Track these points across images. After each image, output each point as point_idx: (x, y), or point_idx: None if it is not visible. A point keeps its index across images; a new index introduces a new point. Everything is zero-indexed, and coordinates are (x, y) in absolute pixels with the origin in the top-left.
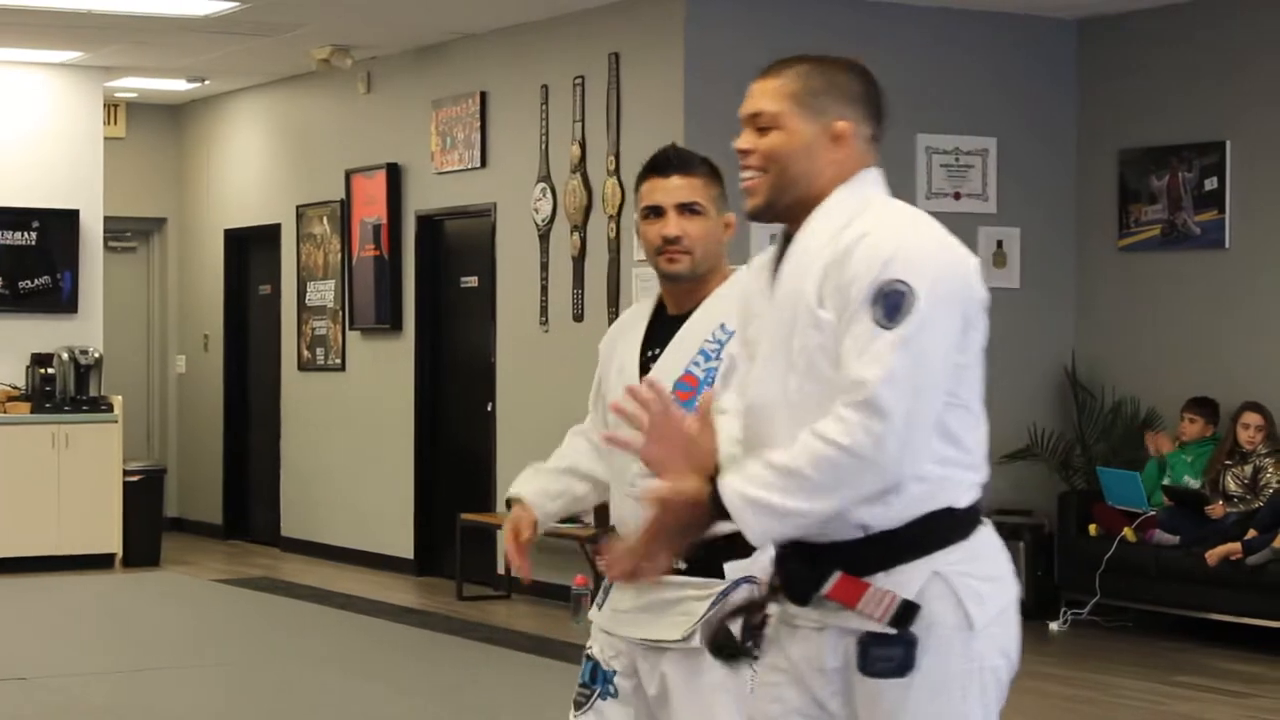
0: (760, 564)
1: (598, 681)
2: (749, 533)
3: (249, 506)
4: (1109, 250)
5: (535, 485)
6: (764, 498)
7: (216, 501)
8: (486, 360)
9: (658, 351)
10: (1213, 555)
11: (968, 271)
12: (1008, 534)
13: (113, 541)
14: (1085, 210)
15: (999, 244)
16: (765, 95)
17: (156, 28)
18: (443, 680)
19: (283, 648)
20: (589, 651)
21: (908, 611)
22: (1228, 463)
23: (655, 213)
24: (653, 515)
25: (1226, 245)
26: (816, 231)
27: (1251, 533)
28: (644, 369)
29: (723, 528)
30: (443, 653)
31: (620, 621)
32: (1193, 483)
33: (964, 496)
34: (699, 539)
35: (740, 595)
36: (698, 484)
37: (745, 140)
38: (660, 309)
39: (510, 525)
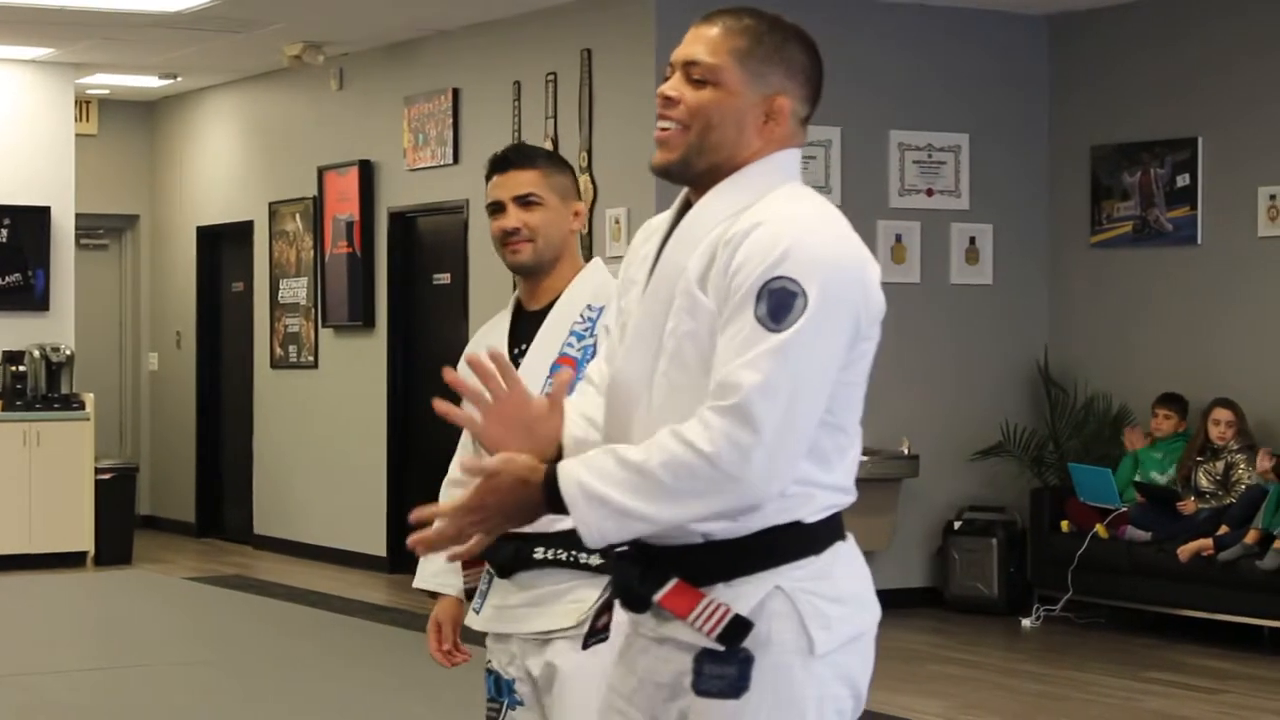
0: None
1: (503, 693)
2: (583, 529)
3: (221, 504)
4: (1081, 247)
5: (434, 569)
6: (606, 493)
7: (189, 499)
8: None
9: (525, 347)
10: (1185, 551)
11: (866, 277)
12: (980, 531)
13: (85, 540)
14: (1057, 207)
15: (971, 240)
16: (706, 44)
17: (128, 24)
18: (415, 677)
19: (255, 645)
20: (489, 665)
21: (739, 627)
22: (1199, 459)
23: (497, 208)
24: (476, 488)
25: (1198, 242)
26: (713, 207)
27: (1223, 529)
28: (515, 365)
29: (549, 521)
30: (415, 650)
31: (507, 618)
32: (1160, 479)
33: (818, 512)
34: (515, 529)
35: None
36: (532, 463)
37: (673, 86)
38: (519, 308)
39: (431, 630)
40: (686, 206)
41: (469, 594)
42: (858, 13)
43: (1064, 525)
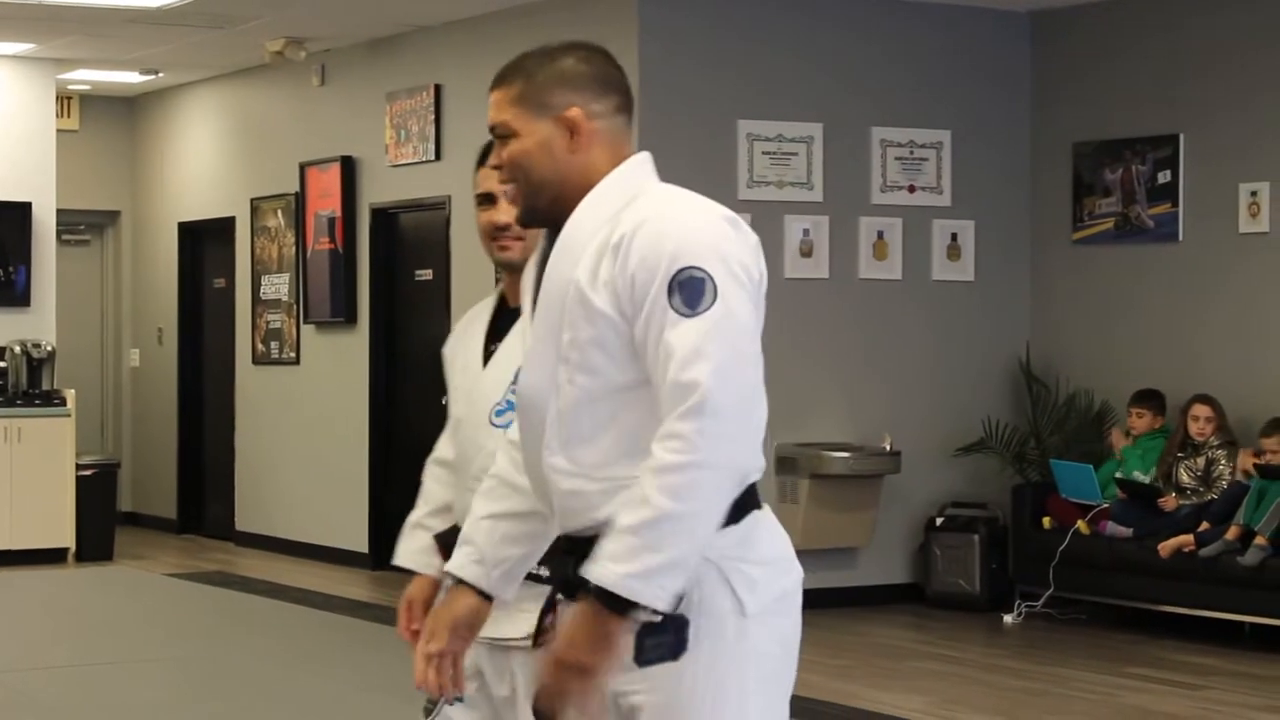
0: None
1: None
2: (656, 603)
3: (203, 501)
4: (1063, 243)
5: (415, 546)
6: (650, 562)
7: (170, 496)
8: (441, 354)
9: (499, 344)
10: (1165, 547)
11: (752, 251)
12: (962, 527)
13: (66, 536)
14: (1039, 203)
15: (953, 237)
16: (497, 106)
17: (109, 20)
18: (396, 674)
19: (237, 642)
20: None
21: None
22: (1180, 455)
23: (488, 200)
24: (551, 670)
25: (1180, 238)
26: (582, 221)
27: (1204, 525)
28: (487, 362)
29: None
30: (397, 647)
31: None
32: (1142, 477)
33: None
34: (608, 661)
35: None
36: (576, 614)
37: (495, 155)
38: (502, 304)
39: (402, 607)
40: (555, 233)
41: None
42: (839, 9)
43: (1045, 521)
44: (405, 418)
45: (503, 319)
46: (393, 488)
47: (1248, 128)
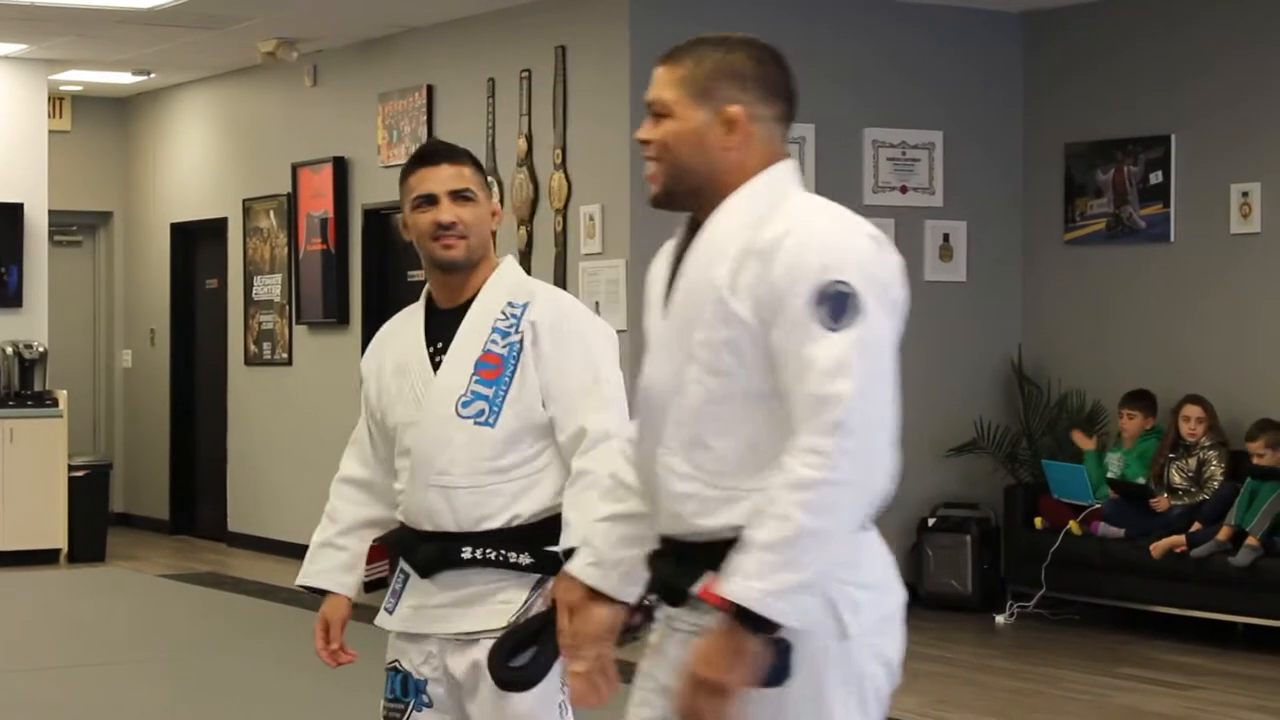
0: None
1: (409, 694)
2: (793, 622)
3: (195, 501)
4: (1055, 244)
5: (326, 566)
6: (788, 580)
7: (163, 496)
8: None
9: (442, 345)
10: (1157, 548)
11: (896, 271)
12: (954, 527)
13: (58, 537)
14: (1031, 204)
15: (945, 237)
16: (661, 83)
17: (101, 20)
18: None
19: (229, 643)
20: (394, 665)
21: None
22: (1171, 455)
23: (429, 201)
24: (688, 693)
25: (1171, 239)
26: (725, 221)
27: (1196, 525)
28: (434, 364)
29: (477, 520)
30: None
31: (427, 618)
32: (1143, 481)
33: None
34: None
35: (536, 610)
36: (710, 634)
37: (644, 129)
38: (430, 308)
39: (318, 628)
40: (694, 227)
41: (369, 586)
42: (832, 10)
43: (1037, 522)
44: None
45: (436, 323)
46: None
47: (1239, 128)
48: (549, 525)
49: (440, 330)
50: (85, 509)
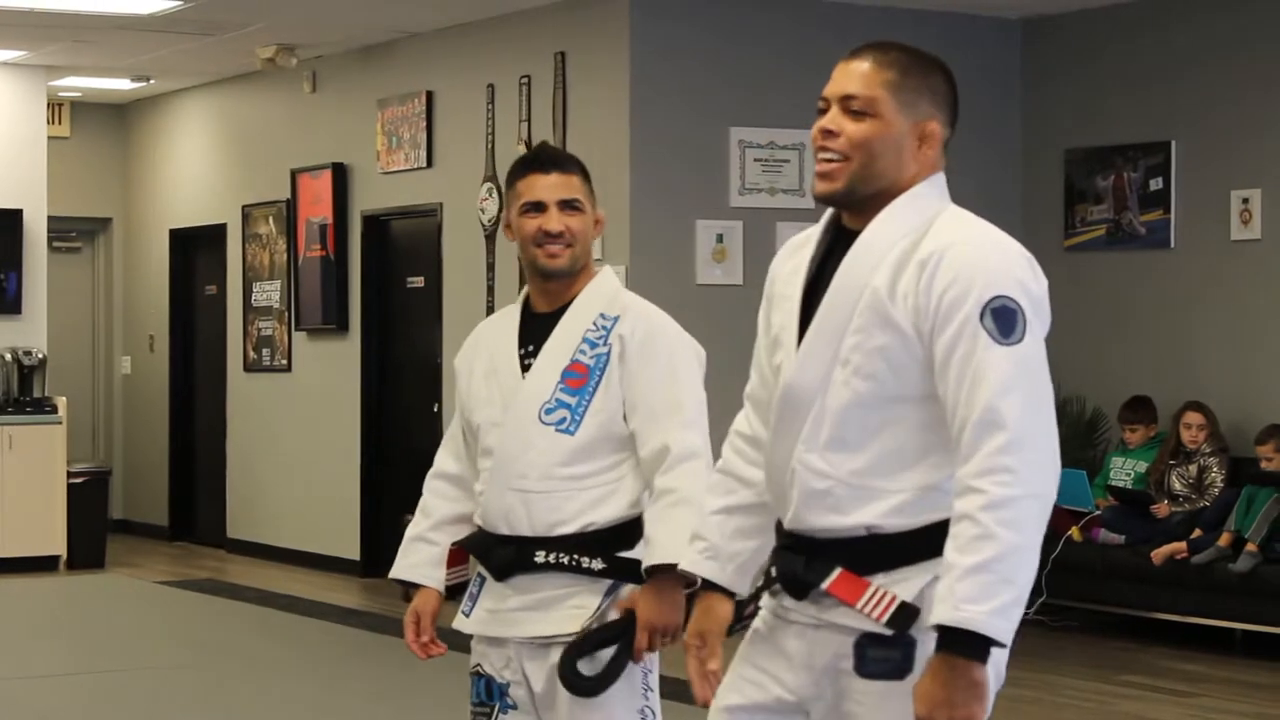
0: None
1: (494, 697)
2: (1008, 639)
3: (195, 508)
4: (1055, 250)
5: (417, 560)
6: (1009, 598)
7: (162, 503)
8: (433, 361)
9: (533, 349)
10: (1158, 555)
11: (1046, 289)
12: None
13: (57, 544)
14: (1031, 210)
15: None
16: (860, 78)
17: (101, 26)
18: (388, 682)
19: (228, 650)
20: (477, 669)
21: (906, 613)
22: (1172, 462)
23: (537, 208)
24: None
25: (1172, 245)
26: (887, 229)
27: (1197, 532)
28: (524, 367)
29: (551, 525)
30: (388, 654)
31: (503, 622)
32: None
33: None
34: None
35: (610, 616)
36: (935, 661)
37: (832, 121)
38: (526, 311)
39: (409, 621)
40: (836, 226)
41: (449, 591)
42: (832, 16)
43: None
44: (397, 425)
45: (531, 326)
46: (384, 495)
47: (1239, 134)
48: (623, 533)
49: (533, 334)
50: (84, 516)
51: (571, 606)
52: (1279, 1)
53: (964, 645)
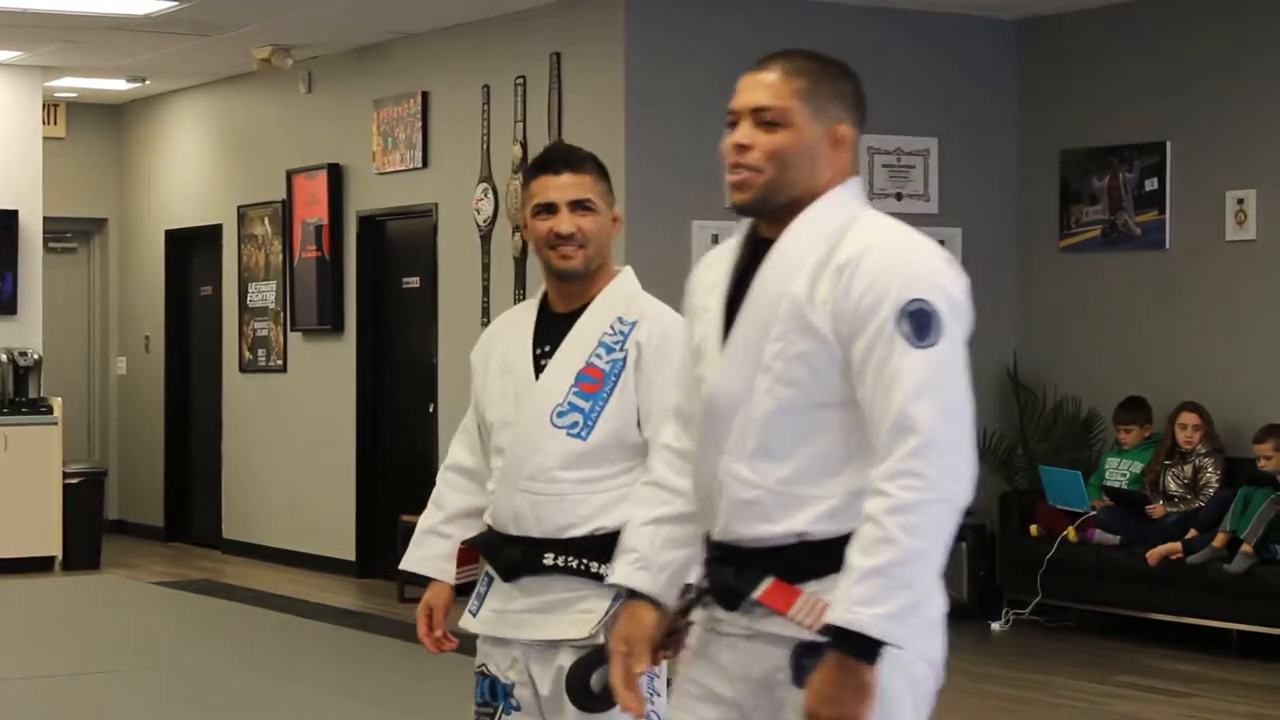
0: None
1: (498, 697)
2: (903, 643)
3: (190, 509)
4: (1050, 251)
5: (430, 553)
6: (906, 601)
7: (158, 504)
8: (428, 361)
9: (549, 349)
10: (1153, 555)
11: (966, 290)
12: None
13: (52, 544)
14: (1026, 211)
15: (940, 244)
16: (770, 89)
17: (96, 27)
18: (383, 683)
19: (223, 651)
20: (481, 669)
21: None
22: (1167, 463)
23: (548, 209)
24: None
25: (1167, 245)
26: (803, 235)
27: (1192, 532)
28: (538, 367)
29: (561, 527)
30: (384, 655)
31: (510, 623)
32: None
33: None
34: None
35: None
36: (830, 660)
37: (745, 134)
38: (544, 310)
39: (421, 614)
40: (754, 236)
41: (459, 590)
42: (823, 16)
43: (1033, 529)
44: (392, 425)
45: (548, 325)
46: (380, 496)
47: (1235, 135)
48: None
49: (549, 334)
50: (80, 516)
51: (579, 610)
52: (1275, 3)
53: (854, 646)
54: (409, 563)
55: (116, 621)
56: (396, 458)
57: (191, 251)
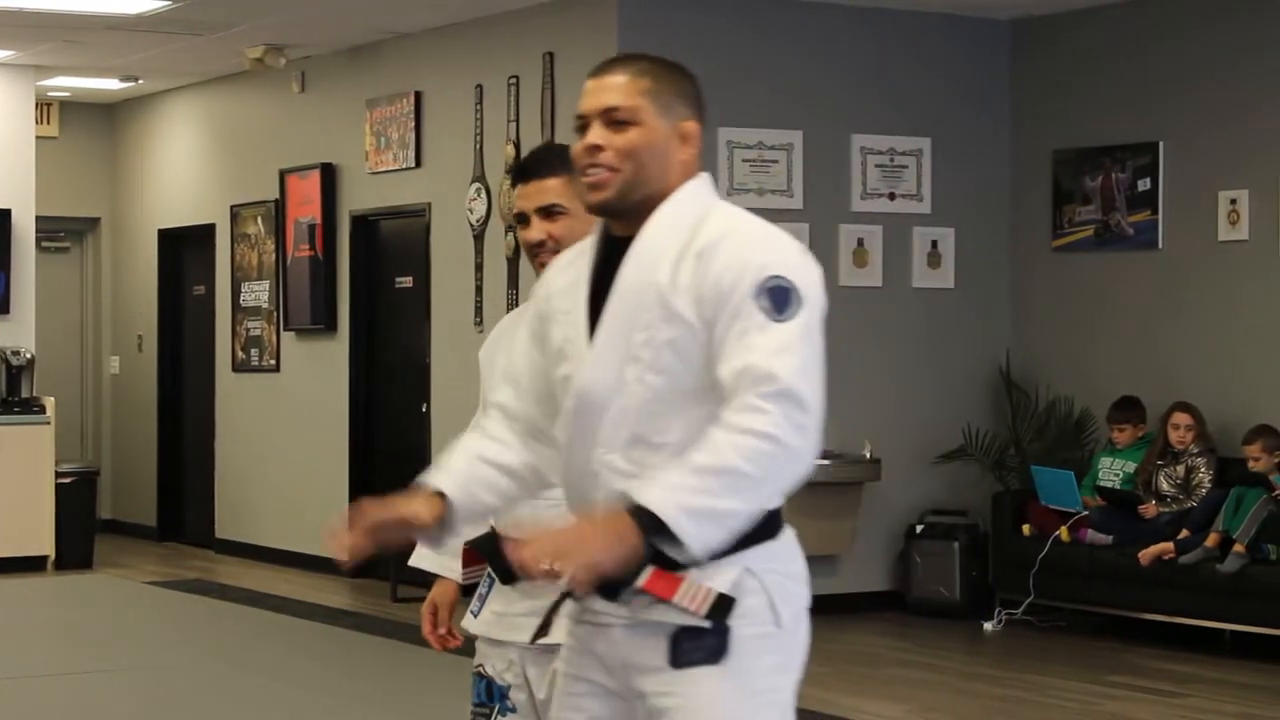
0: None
1: (494, 698)
2: (692, 544)
3: (183, 508)
4: (1043, 250)
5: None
6: (707, 505)
7: (151, 503)
8: (421, 361)
9: None
10: (1146, 555)
11: (820, 278)
12: (942, 534)
13: (45, 544)
14: (1019, 211)
15: (934, 244)
16: (619, 90)
17: (89, 26)
18: (377, 683)
19: (216, 651)
20: (479, 670)
21: (724, 604)
22: (1160, 463)
23: (521, 220)
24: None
25: (1159, 246)
26: (663, 228)
27: (1184, 532)
28: None
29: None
30: (377, 655)
31: (508, 625)
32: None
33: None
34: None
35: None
36: (608, 515)
37: (598, 135)
38: None
39: (426, 612)
40: (607, 236)
41: (464, 590)
42: (817, 17)
43: (1026, 529)
44: (385, 425)
45: None
46: (373, 495)
47: (1227, 135)
48: None
49: None
50: (72, 516)
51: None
52: (1267, 3)
53: (639, 513)
54: (418, 559)
55: (109, 621)
56: (389, 457)
57: (184, 251)
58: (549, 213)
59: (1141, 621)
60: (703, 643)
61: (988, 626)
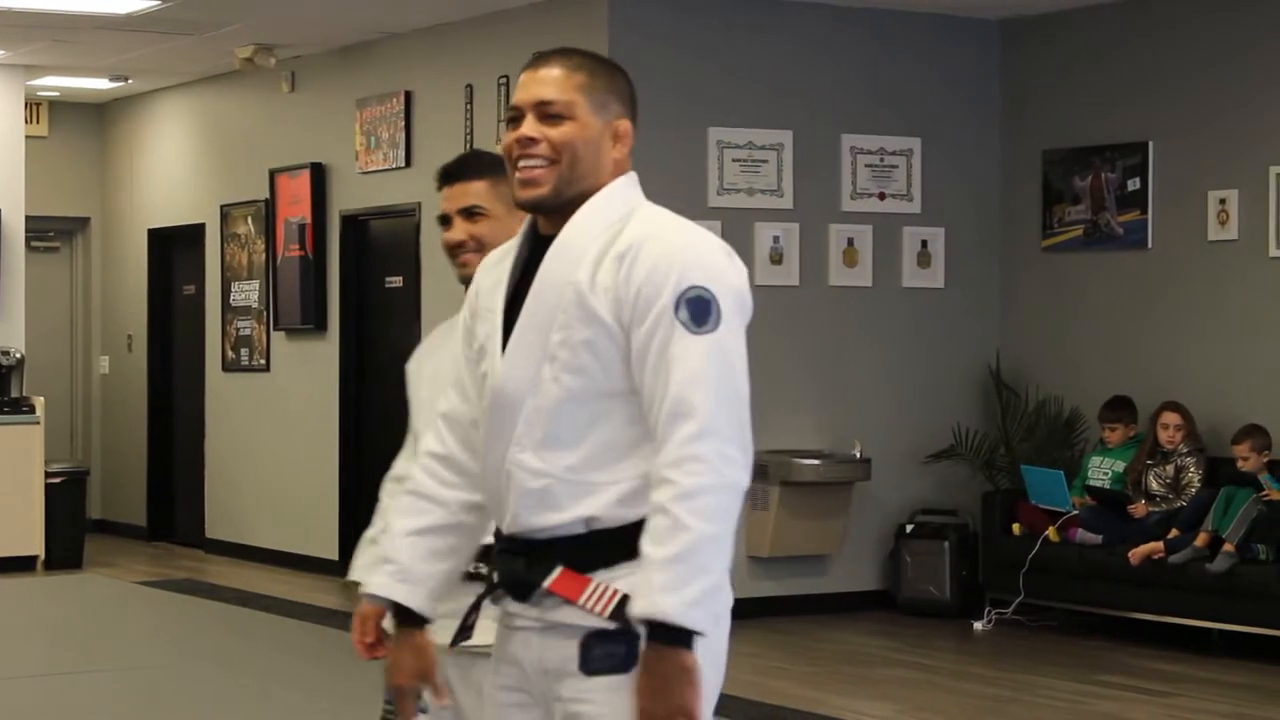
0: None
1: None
2: (705, 629)
3: (173, 508)
4: (1033, 250)
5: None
6: (699, 587)
7: (140, 503)
8: (405, 368)
9: None
10: (1136, 555)
11: (745, 279)
12: (932, 534)
13: (34, 544)
14: (1009, 210)
15: (923, 244)
16: (554, 84)
17: (79, 26)
18: (367, 682)
19: (206, 651)
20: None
21: (628, 606)
22: (1149, 462)
23: (444, 221)
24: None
25: (1149, 245)
26: (584, 225)
27: (1174, 532)
28: None
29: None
30: None
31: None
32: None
33: None
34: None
35: None
36: (647, 655)
37: (532, 128)
38: None
39: (356, 623)
40: (533, 234)
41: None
42: (807, 17)
43: (1015, 528)
44: (375, 424)
45: None
46: (363, 495)
47: (1217, 135)
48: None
49: None
50: (62, 516)
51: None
52: (1258, 3)
53: (666, 634)
54: (355, 572)
55: (99, 621)
56: (379, 457)
57: (174, 250)
58: (471, 214)
59: (1131, 621)
60: (613, 649)
61: (978, 626)
